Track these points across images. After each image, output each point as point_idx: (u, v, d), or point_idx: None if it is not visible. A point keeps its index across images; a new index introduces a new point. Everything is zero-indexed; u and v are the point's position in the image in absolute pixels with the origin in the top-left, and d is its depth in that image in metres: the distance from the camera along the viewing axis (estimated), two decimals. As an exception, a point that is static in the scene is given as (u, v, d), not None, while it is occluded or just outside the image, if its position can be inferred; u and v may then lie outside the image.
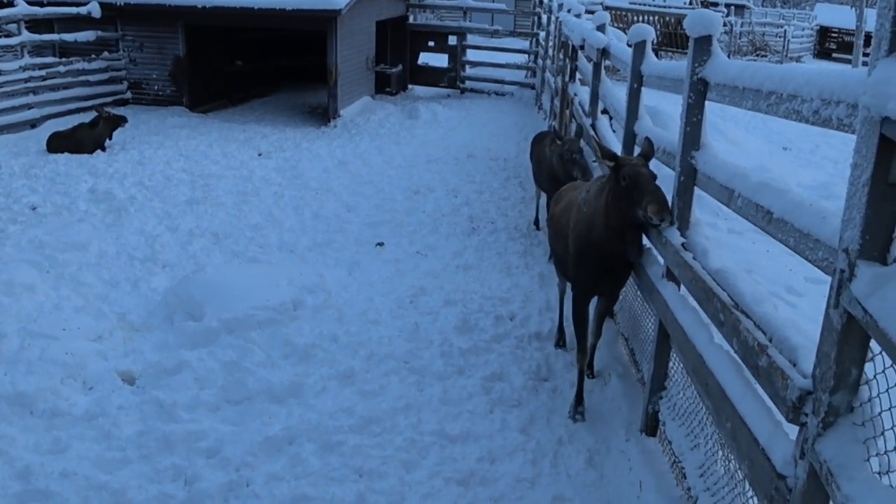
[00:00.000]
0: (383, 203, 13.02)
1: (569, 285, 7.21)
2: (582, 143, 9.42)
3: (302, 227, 11.53)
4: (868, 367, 2.81)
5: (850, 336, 2.75)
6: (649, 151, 5.91)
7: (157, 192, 12.71)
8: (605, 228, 5.91)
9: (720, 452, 4.69)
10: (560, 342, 7.91)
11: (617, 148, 8.05)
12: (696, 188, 5.26)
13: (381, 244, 10.98)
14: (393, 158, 16.37)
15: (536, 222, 11.98)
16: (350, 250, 10.69)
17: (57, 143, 15.21)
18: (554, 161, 9.50)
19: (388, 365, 7.28)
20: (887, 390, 2.64)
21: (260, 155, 15.97)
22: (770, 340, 3.56)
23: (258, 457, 5.72)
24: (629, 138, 7.44)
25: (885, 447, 2.68)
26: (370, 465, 5.73)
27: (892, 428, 2.64)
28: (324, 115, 20.78)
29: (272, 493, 5.36)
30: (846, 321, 2.72)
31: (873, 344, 2.68)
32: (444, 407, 6.60)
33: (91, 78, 19.59)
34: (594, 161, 5.89)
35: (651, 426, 5.87)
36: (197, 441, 5.83)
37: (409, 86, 26.83)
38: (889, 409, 2.65)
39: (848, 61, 41.16)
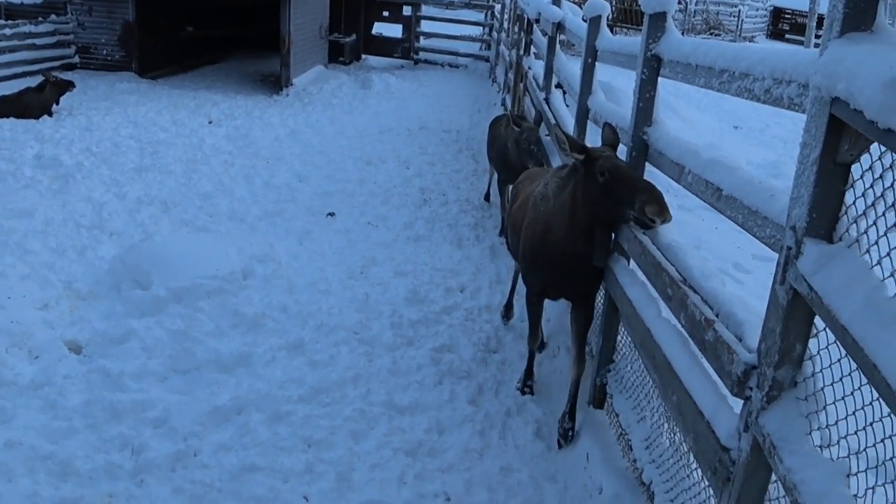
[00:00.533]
0: (335, 173, 12.96)
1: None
2: (541, 130, 9.25)
3: (252, 196, 11.45)
4: (812, 342, 2.86)
5: (795, 312, 2.79)
6: (614, 139, 5.40)
7: (104, 159, 12.51)
8: (568, 229, 5.28)
9: (666, 425, 4.76)
10: (507, 314, 7.85)
11: (570, 123, 8.08)
12: (647, 164, 5.30)
13: (332, 214, 10.94)
14: (345, 128, 16.28)
15: (487, 195, 11.91)
16: (301, 220, 10.64)
17: (2, 108, 14.87)
18: (509, 146, 9.19)
19: (337, 335, 7.26)
20: (830, 366, 2.69)
21: (210, 123, 15.80)
22: (717, 315, 3.60)
23: (206, 427, 5.69)
24: (582, 113, 7.46)
25: (827, 421, 2.74)
26: (319, 435, 5.73)
27: (833, 403, 2.69)
28: (276, 83, 20.60)
29: (220, 462, 5.34)
30: (792, 297, 2.76)
31: (818, 320, 2.73)
32: (393, 378, 6.61)
33: (38, 41, 19.17)
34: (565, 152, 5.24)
35: (599, 399, 5.93)
36: (144, 411, 5.78)
37: (363, 56, 26.70)
38: (831, 384, 2.70)
39: (800, 42, 41.56)
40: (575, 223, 5.20)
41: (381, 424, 5.94)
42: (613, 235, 5.73)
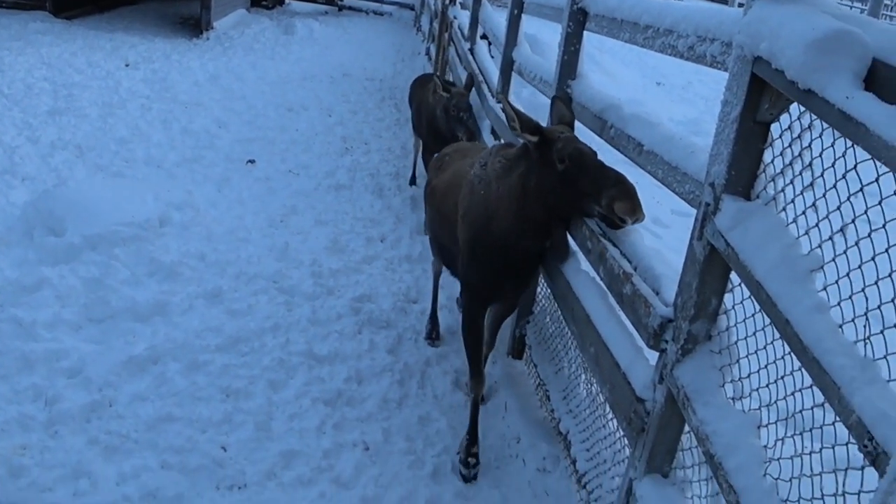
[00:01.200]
0: (255, 119, 12.75)
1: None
2: (472, 97, 8.53)
3: (170, 141, 11.19)
4: (727, 297, 2.92)
5: (711, 267, 2.84)
6: (570, 117, 4.75)
7: (16, 101, 12.06)
8: (516, 220, 4.52)
9: (583, 376, 4.83)
10: (433, 334, 6.64)
11: (494, 74, 8.05)
12: (570, 117, 5.32)
13: (252, 161, 10.77)
14: (267, 74, 16.01)
15: (413, 178, 10.56)
16: (220, 167, 10.45)
17: None
18: (437, 114, 8.36)
19: (256, 284, 7.19)
20: (744, 320, 2.75)
21: (127, 65, 15.36)
22: (635, 269, 3.65)
23: (121, 377, 5.59)
24: (507, 64, 7.44)
25: (740, 374, 2.80)
26: (237, 384, 5.68)
27: (746, 356, 2.76)
28: (196, 26, 20.10)
29: (136, 413, 5.26)
30: (709, 253, 2.81)
31: (733, 275, 2.79)
32: (312, 327, 6.58)
33: (-56, -22, 18.39)
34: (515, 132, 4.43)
35: (517, 349, 6.00)
36: (58, 360, 5.65)
37: (286, 0, 26.18)
38: (745, 338, 2.76)
39: (724, 1, 41.95)
40: (525, 215, 4.45)
41: (300, 374, 5.92)
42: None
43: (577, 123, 5.10)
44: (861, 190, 2.06)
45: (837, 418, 2.04)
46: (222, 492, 4.77)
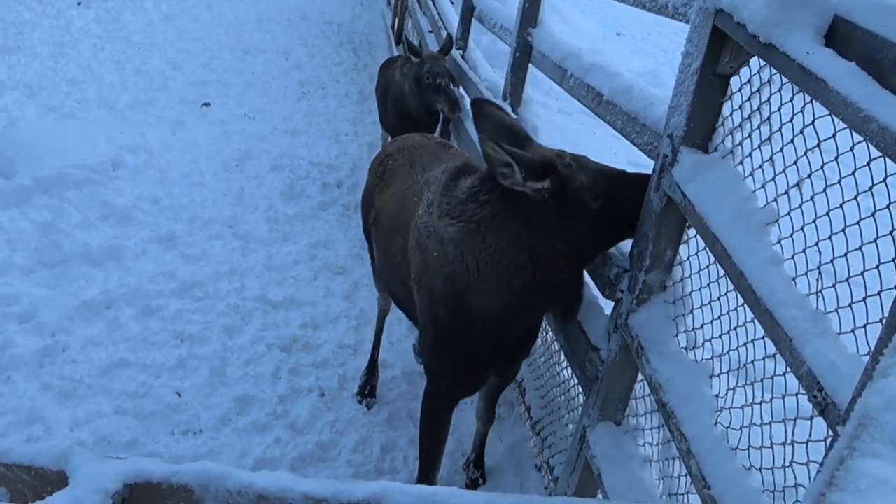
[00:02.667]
0: (211, 62, 12.53)
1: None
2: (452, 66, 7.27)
3: (123, 83, 10.98)
4: (682, 248, 2.95)
5: (668, 218, 2.86)
6: (516, 125, 3.56)
7: (-39, 39, 11.77)
8: (518, 295, 3.25)
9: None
10: (366, 390, 5.28)
11: (454, 21, 7.96)
12: (530, 65, 5.29)
13: (207, 104, 10.62)
14: (223, 15, 15.71)
15: None
16: (174, 110, 10.29)
17: None
18: (406, 89, 7.08)
19: (211, 229, 7.13)
20: (699, 272, 2.78)
21: (79, 4, 14.96)
22: (592, 219, 3.66)
23: (75, 321, 5.55)
24: (468, 10, 7.37)
25: (693, 324, 2.84)
26: (192, 329, 5.66)
27: (700, 307, 2.79)
28: (147, -37, 19.61)
29: (90, 358, 5.23)
30: (665, 204, 2.83)
31: (689, 227, 2.81)
32: (268, 273, 6.55)
33: None
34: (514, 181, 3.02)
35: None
36: (9, 305, 5.58)
37: (240, -62, 25.61)
38: (699, 289, 2.79)
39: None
40: (530, 286, 3.18)
41: (255, 320, 5.90)
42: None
43: (538, 72, 5.07)
44: (818, 145, 2.07)
45: (788, 369, 2.07)
46: (177, 437, 4.77)
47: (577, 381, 3.84)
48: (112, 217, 6.99)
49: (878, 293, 1.87)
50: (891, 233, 1.78)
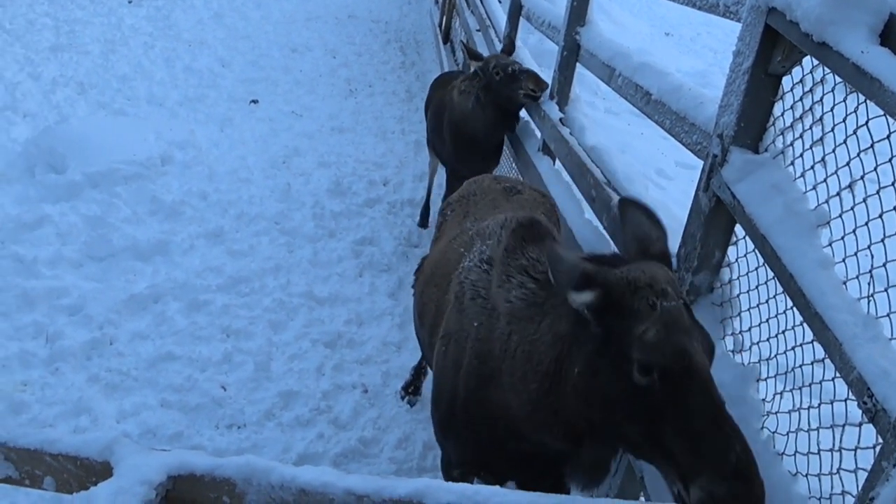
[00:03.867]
0: (259, 59, 12.62)
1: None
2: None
3: (172, 80, 11.10)
4: (731, 250, 2.91)
5: (716, 219, 2.83)
6: (660, 238, 2.55)
7: (18, 37, 11.93)
8: (534, 408, 2.62)
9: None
10: (411, 389, 5.27)
11: (502, 20, 7.94)
12: (578, 64, 5.26)
13: (255, 102, 10.70)
14: (271, 13, 15.82)
15: (424, 217, 7.71)
16: (223, 106, 10.38)
17: None
18: (470, 109, 6.25)
19: (258, 225, 7.18)
20: (747, 274, 2.75)
21: (130, 2, 15.15)
22: (639, 219, 3.63)
23: (122, 315, 5.61)
24: (515, 9, 7.34)
25: (741, 327, 2.80)
26: (238, 324, 5.70)
27: (748, 310, 2.75)
28: (198, -38, 19.80)
29: (136, 351, 5.29)
30: (714, 205, 2.79)
31: (738, 228, 2.77)
32: (313, 269, 6.58)
33: None
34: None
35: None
36: (59, 298, 5.66)
37: (289, -64, 25.78)
38: (747, 291, 2.75)
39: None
40: (539, 399, 2.57)
41: (300, 315, 5.93)
42: (539, 135, 5.68)
43: (585, 71, 5.02)
44: (871, 147, 2.04)
45: (837, 374, 2.04)
46: (221, 430, 4.81)
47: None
48: (160, 212, 7.07)
49: (932, 298, 1.83)
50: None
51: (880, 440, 1.86)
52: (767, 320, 2.63)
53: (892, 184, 1.95)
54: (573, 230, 4.42)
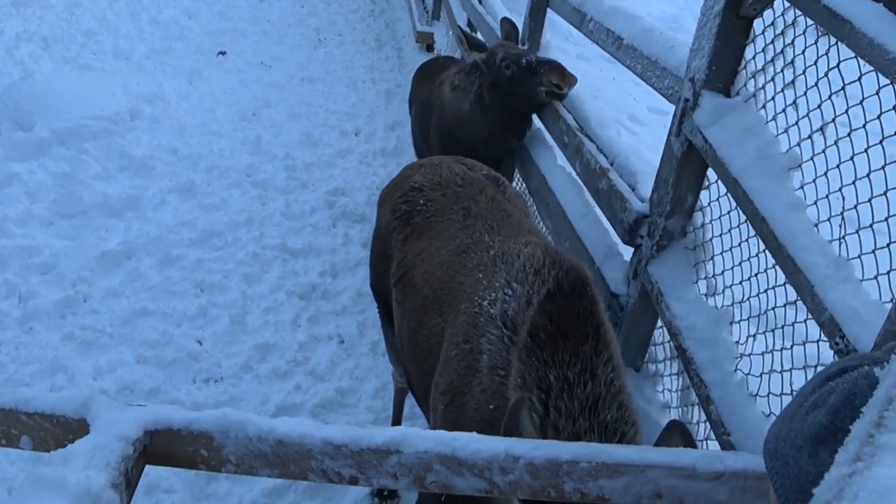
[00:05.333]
0: (226, 10, 12.42)
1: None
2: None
3: (139, 33, 10.90)
4: (703, 194, 2.92)
5: (688, 164, 2.83)
6: None
7: (-25, -11, 11.71)
8: None
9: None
10: (385, 493, 4.16)
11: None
12: (548, 10, 5.22)
13: (223, 53, 10.55)
14: (236, -38, 15.56)
15: None
16: (190, 59, 10.23)
17: None
18: (468, 110, 5.18)
19: (229, 178, 7.12)
20: (720, 218, 2.76)
21: (90, -49, 14.88)
22: (611, 164, 3.64)
23: (95, 272, 5.57)
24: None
25: (713, 271, 2.82)
26: (212, 278, 5.68)
27: (721, 253, 2.77)
28: None
29: (111, 307, 5.26)
30: (686, 149, 2.80)
31: (710, 172, 2.78)
32: (286, 221, 6.55)
33: None
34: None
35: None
36: (30, 257, 5.60)
37: None
38: (720, 235, 2.77)
39: None
40: None
41: (274, 268, 5.92)
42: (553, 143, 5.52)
43: (556, 16, 4.99)
44: (843, 89, 2.04)
45: (809, 316, 2.06)
46: (198, 384, 4.81)
47: (596, 327, 3.84)
48: (130, 167, 6.99)
49: (902, 239, 1.84)
50: (916, 177, 1.75)
51: (852, 380, 1.88)
52: (740, 263, 2.65)
53: (864, 126, 1.95)
54: (546, 176, 4.42)
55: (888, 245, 1.88)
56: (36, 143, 6.98)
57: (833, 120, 2.12)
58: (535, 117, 5.02)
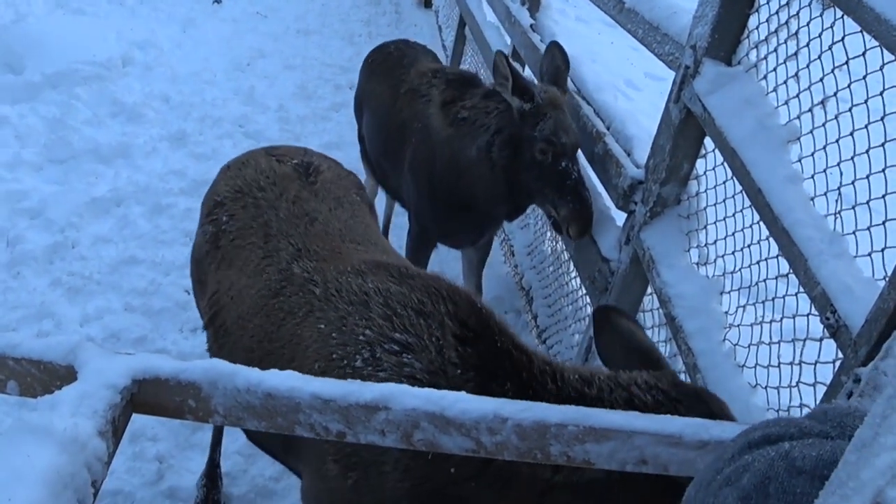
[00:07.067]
0: (221, -43, 12.29)
1: None
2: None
3: (132, -24, 10.78)
4: (699, 162, 2.91)
5: (686, 131, 2.82)
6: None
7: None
8: None
9: (548, 233, 4.86)
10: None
11: None
12: (549, -31, 5.18)
13: (218, 2, 10.44)
14: None
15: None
16: (184, 6, 10.11)
17: None
18: (475, 155, 3.89)
19: (222, 128, 7.08)
20: (715, 187, 2.75)
21: None
22: (608, 128, 3.63)
23: (84, 218, 5.54)
24: None
25: (706, 240, 2.82)
26: (201, 230, 5.66)
27: (714, 223, 2.77)
28: None
29: (99, 254, 5.24)
30: (685, 116, 2.78)
31: (707, 141, 2.77)
32: (278, 174, 6.51)
33: None
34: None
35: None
36: (19, 201, 5.56)
37: None
38: (714, 204, 2.76)
39: None
40: None
41: (265, 222, 5.89)
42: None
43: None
44: (846, 63, 2.02)
45: (801, 289, 2.06)
46: (185, 334, 4.81)
47: (585, 291, 3.85)
48: (122, 114, 6.94)
49: (899, 216, 1.84)
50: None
51: (840, 355, 1.89)
52: (733, 234, 2.65)
53: (865, 102, 1.94)
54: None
55: (884, 222, 1.88)
56: (27, 86, 6.92)
57: (835, 94, 2.11)
58: (528, 72, 4.96)
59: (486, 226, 4.33)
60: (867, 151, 1.95)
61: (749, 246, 2.51)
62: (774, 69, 2.43)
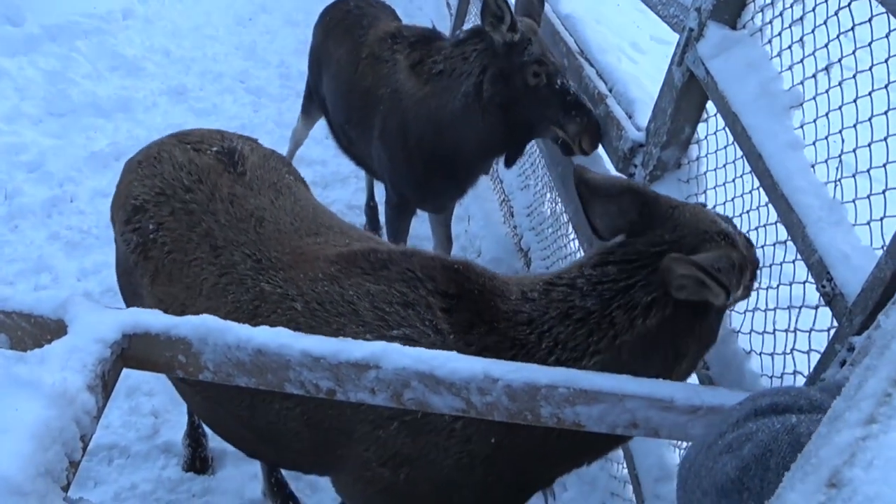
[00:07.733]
0: None
1: None
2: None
3: (134, -73, 10.67)
4: (701, 126, 2.88)
5: (688, 95, 2.79)
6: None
7: None
8: None
9: (548, 195, 4.84)
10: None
11: None
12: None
13: (220, -45, 10.34)
14: None
15: (371, 219, 5.64)
16: (187, -41, 10.03)
17: None
18: (458, 110, 3.75)
19: (222, 83, 7.04)
20: (716, 152, 2.73)
21: None
22: (610, 90, 3.59)
23: (83, 172, 5.52)
24: None
25: (706, 205, 2.80)
26: (200, 185, 5.64)
27: (714, 187, 2.75)
28: None
29: (97, 209, 5.22)
30: (687, 80, 2.75)
31: (709, 105, 2.74)
32: (278, 129, 6.49)
33: None
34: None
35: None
36: (17, 154, 5.54)
37: None
38: (714, 169, 2.74)
39: None
40: None
41: (265, 178, 5.87)
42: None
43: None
44: (852, 30, 1.99)
45: (798, 257, 2.04)
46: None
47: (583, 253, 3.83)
48: (122, 68, 6.89)
49: (899, 186, 1.83)
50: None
51: (835, 323, 1.88)
52: (732, 199, 2.63)
53: (870, 69, 1.91)
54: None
55: (884, 192, 1.86)
56: (26, 38, 6.87)
57: (839, 60, 2.08)
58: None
59: (469, 182, 4.21)
60: (870, 119, 1.92)
61: (748, 212, 2.49)
62: (779, 34, 2.39)
